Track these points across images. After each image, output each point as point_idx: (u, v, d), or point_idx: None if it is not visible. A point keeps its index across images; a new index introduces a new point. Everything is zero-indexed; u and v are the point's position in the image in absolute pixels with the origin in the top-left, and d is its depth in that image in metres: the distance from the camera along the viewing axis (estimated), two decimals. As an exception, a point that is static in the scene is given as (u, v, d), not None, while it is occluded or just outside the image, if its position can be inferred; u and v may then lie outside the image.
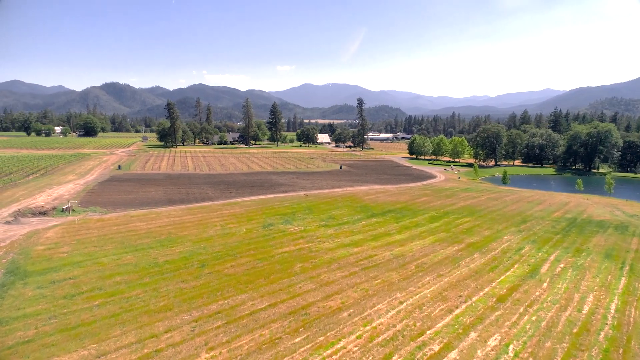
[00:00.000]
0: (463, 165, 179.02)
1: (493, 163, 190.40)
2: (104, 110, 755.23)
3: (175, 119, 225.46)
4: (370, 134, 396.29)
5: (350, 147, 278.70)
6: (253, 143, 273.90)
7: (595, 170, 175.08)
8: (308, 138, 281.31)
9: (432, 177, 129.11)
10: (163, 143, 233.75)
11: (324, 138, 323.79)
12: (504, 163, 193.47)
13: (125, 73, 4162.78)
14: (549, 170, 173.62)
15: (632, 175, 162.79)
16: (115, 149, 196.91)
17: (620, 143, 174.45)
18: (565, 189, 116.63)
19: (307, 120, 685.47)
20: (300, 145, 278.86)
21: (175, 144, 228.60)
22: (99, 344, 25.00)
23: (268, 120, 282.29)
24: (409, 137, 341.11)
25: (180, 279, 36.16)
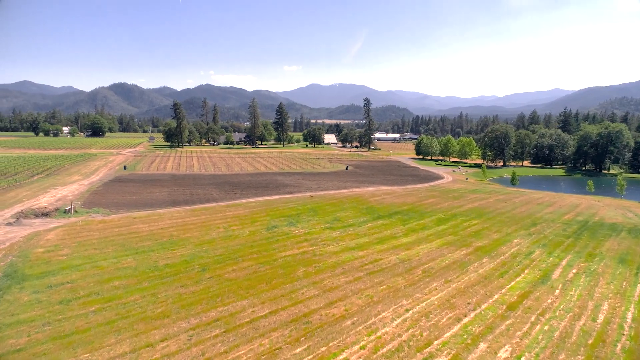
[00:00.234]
0: (471, 166, 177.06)
1: (501, 164, 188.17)
2: (112, 111, 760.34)
3: (182, 119, 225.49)
4: (377, 134, 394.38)
5: (357, 147, 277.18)
6: (259, 143, 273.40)
7: (606, 171, 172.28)
8: (314, 138, 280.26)
9: (439, 178, 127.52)
10: (170, 143, 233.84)
11: (331, 138, 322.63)
12: (513, 164, 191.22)
13: (134, 73, 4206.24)
14: (559, 171, 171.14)
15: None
16: (122, 149, 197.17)
17: (632, 143, 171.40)
18: (576, 191, 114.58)
19: (314, 121, 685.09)
20: (307, 146, 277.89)
21: (182, 144, 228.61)
22: (92, 354, 24.05)
23: (274, 121, 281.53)
24: (416, 137, 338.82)
25: (180, 284, 35.22)
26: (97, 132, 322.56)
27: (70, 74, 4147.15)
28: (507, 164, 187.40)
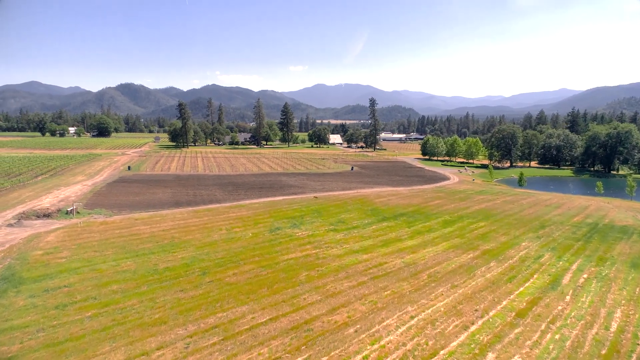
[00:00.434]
0: (477, 167, 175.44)
1: (508, 164, 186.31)
2: (119, 111, 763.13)
3: (187, 120, 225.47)
4: (383, 135, 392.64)
5: (363, 147, 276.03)
6: (264, 143, 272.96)
7: (615, 172, 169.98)
8: (320, 138, 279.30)
9: (445, 178, 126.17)
10: (175, 143, 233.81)
11: (336, 138, 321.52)
12: (520, 164, 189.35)
13: (140, 74, 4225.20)
14: (567, 172, 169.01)
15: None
16: (127, 150, 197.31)
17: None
18: (584, 192, 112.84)
19: (319, 121, 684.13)
20: (312, 146, 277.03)
21: (187, 145, 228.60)
22: (85, 362, 23.28)
23: (280, 121, 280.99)
24: (422, 137, 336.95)
25: (179, 288, 34.40)
26: (103, 132, 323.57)
27: (78, 75, 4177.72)
28: (514, 165, 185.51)
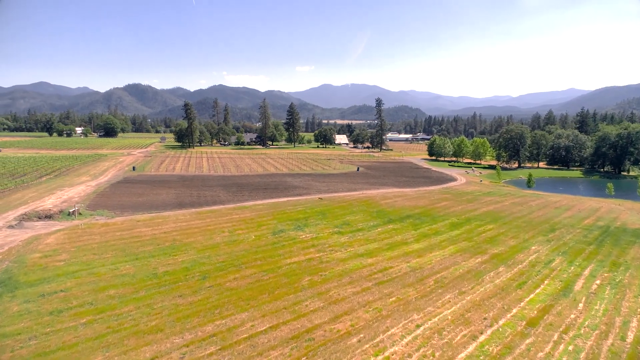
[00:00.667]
0: (485, 168, 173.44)
1: (516, 165, 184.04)
2: (127, 111, 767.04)
3: (193, 120, 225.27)
4: (389, 135, 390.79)
5: (369, 148, 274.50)
6: (270, 144, 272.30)
7: (626, 173, 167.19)
8: (326, 139, 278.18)
9: (452, 179, 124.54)
10: (180, 144, 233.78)
11: (342, 139, 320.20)
12: (528, 165, 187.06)
13: (147, 74, 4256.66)
14: (576, 173, 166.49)
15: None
16: (133, 150, 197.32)
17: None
18: (595, 194, 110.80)
19: (325, 121, 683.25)
20: (318, 146, 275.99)
21: (192, 145, 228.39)
22: (76, 373, 22.37)
23: (285, 121, 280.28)
24: (429, 137, 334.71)
25: (178, 293, 33.46)
26: (109, 132, 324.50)
27: (86, 75, 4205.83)
28: (522, 166, 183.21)
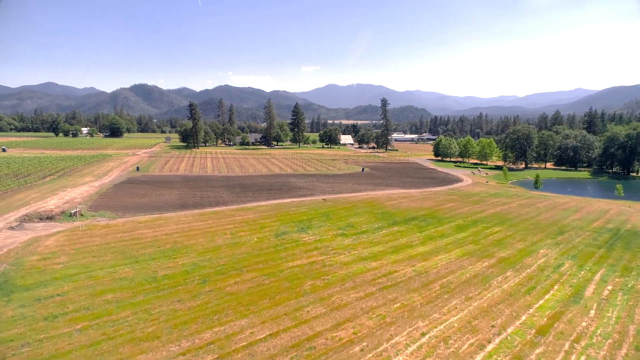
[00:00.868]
0: (491, 168, 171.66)
1: (523, 166, 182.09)
2: (133, 111, 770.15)
3: (197, 120, 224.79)
4: (395, 135, 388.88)
5: (374, 148, 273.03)
6: (275, 144, 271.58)
7: (635, 174, 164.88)
8: (331, 139, 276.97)
9: (458, 180, 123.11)
10: (185, 144, 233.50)
11: (347, 139, 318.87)
12: (535, 166, 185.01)
13: (154, 75, 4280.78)
14: (584, 174, 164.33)
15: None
16: (138, 150, 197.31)
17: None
18: (603, 195, 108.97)
19: (331, 121, 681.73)
20: (323, 147, 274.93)
21: (197, 145, 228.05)
22: (67, 383, 21.58)
23: (290, 121, 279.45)
24: (435, 138, 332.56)
25: (177, 298, 32.66)
26: (115, 132, 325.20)
27: (93, 76, 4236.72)
28: (529, 166, 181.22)
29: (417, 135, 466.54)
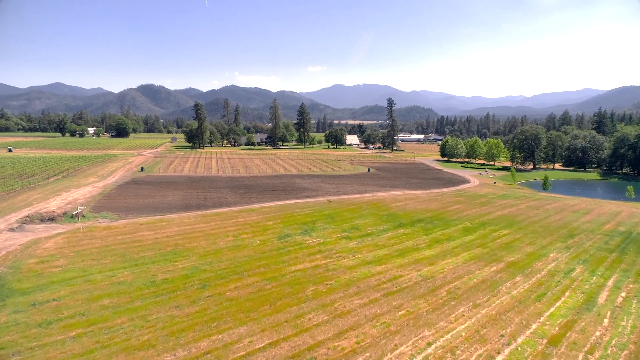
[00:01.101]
0: (499, 169, 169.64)
1: (531, 166, 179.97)
2: (140, 112, 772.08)
3: (203, 120, 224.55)
4: (401, 135, 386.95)
5: (380, 148, 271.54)
6: (280, 144, 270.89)
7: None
8: (336, 139, 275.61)
9: (465, 181, 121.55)
10: (191, 144, 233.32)
11: (353, 139, 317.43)
12: (543, 167, 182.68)
13: (161, 75, 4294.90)
14: (593, 175, 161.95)
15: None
16: (143, 150, 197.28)
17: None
18: (614, 196, 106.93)
19: (337, 121, 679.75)
20: (329, 147, 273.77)
21: (203, 145, 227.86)
22: (57, 396, 20.69)
23: (296, 121, 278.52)
24: (441, 138, 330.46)
25: (175, 304, 31.75)
26: (121, 132, 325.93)
27: (100, 76, 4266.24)
28: (537, 167, 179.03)
29: (423, 136, 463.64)
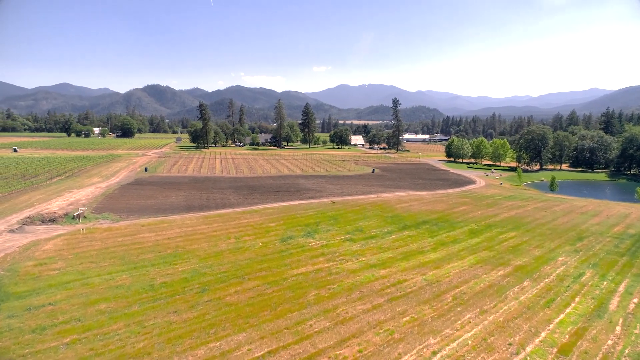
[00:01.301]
0: (505, 170, 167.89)
1: (538, 167, 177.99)
2: (145, 112, 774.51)
3: (207, 120, 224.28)
4: (406, 135, 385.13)
5: (385, 148, 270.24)
6: (285, 144, 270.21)
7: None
8: (341, 139, 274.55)
9: (471, 182, 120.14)
10: (195, 144, 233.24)
11: (358, 139, 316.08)
12: (550, 167, 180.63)
13: (166, 75, 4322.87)
14: (601, 176, 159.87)
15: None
16: (148, 150, 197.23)
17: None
18: (622, 198, 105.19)
19: (342, 121, 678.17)
20: (333, 147, 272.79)
21: (207, 146, 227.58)
22: (46, 407, 19.94)
23: (301, 121, 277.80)
24: (447, 138, 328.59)
25: (173, 309, 30.97)
26: (126, 132, 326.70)
27: (107, 76, 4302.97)
28: (544, 168, 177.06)
29: (429, 136, 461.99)
